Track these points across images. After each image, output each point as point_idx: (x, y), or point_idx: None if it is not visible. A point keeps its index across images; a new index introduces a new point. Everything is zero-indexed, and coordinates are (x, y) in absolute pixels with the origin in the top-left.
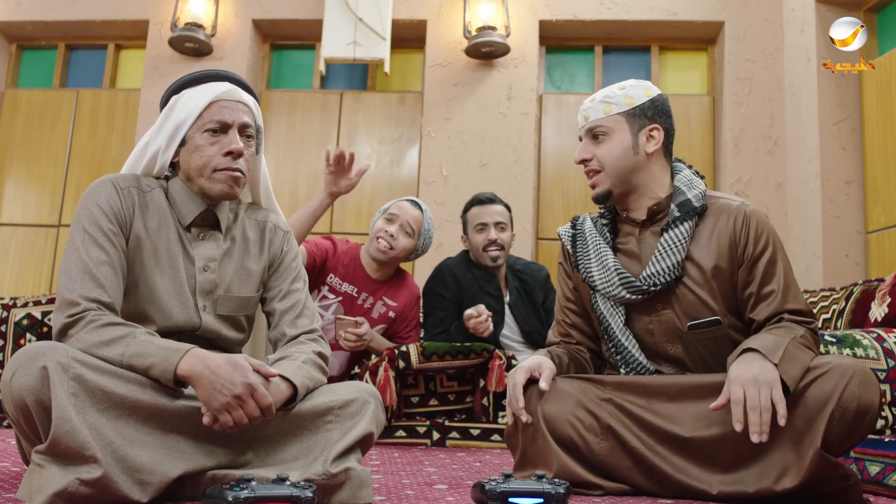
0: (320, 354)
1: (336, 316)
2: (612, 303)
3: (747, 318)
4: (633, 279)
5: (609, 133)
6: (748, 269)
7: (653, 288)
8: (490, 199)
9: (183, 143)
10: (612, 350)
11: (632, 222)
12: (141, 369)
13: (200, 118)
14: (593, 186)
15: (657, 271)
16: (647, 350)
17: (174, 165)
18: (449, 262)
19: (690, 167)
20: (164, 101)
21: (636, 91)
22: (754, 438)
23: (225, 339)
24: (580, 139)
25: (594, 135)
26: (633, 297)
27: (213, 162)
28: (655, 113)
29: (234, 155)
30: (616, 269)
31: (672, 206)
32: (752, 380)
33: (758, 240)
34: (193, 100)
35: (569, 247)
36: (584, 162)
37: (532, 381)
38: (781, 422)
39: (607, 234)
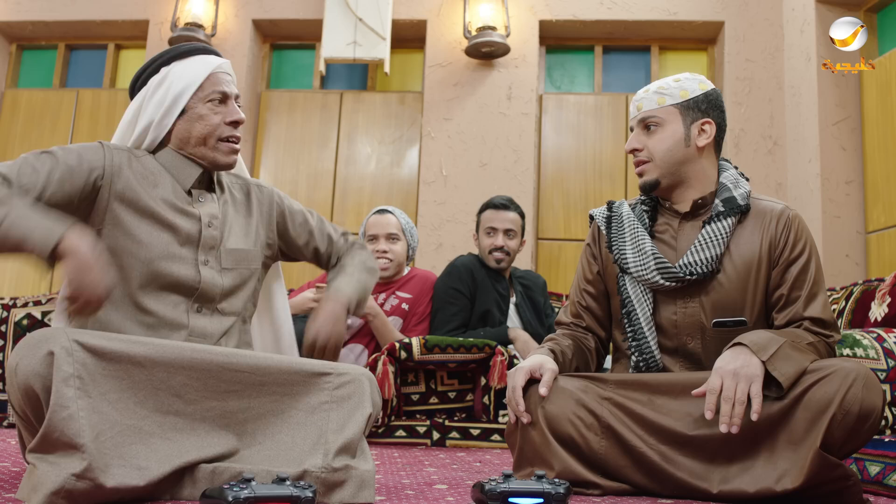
0: (367, 258)
1: (317, 285)
2: (642, 288)
3: (772, 319)
4: (669, 265)
5: (661, 124)
6: (781, 271)
7: (688, 277)
8: (504, 205)
9: (182, 113)
10: (630, 336)
11: (673, 213)
12: (16, 237)
13: (201, 89)
14: (641, 175)
15: (695, 261)
16: (665, 341)
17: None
18: (463, 259)
19: (736, 168)
20: (143, 77)
21: (691, 84)
22: (723, 428)
23: (226, 294)
24: (631, 129)
25: (646, 125)
26: (667, 283)
27: (218, 131)
28: (709, 107)
29: (237, 124)
30: (653, 254)
31: (717, 200)
32: (733, 372)
33: (795, 244)
34: (191, 71)
35: (603, 228)
36: (633, 152)
37: (532, 381)
38: (754, 417)
39: (646, 220)
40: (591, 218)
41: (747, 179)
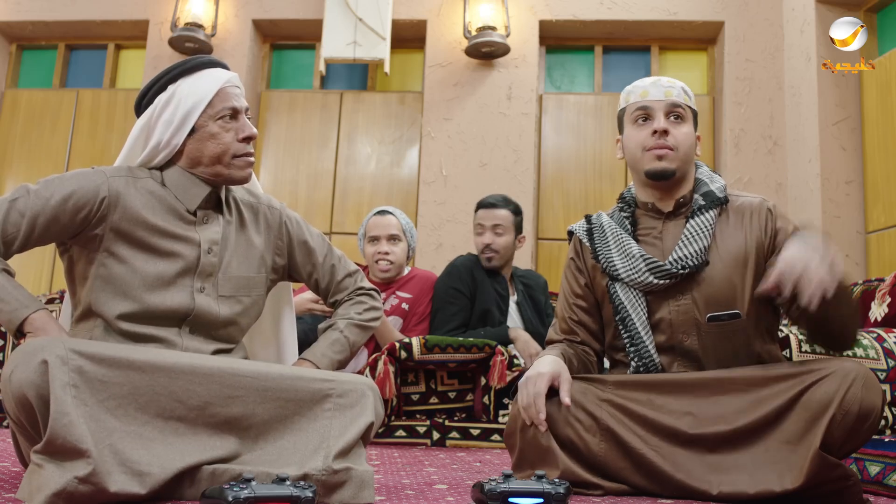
0: (362, 311)
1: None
2: (634, 292)
3: (763, 311)
4: (660, 263)
5: (685, 119)
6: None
7: (681, 271)
8: (492, 203)
9: (192, 132)
10: (627, 341)
11: (655, 214)
12: None
13: (211, 106)
14: (661, 158)
15: (685, 255)
16: (662, 342)
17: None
18: (463, 259)
19: (707, 167)
20: (149, 95)
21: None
22: (803, 302)
23: (226, 323)
24: (642, 109)
25: (676, 114)
26: (660, 281)
27: (232, 148)
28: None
29: (250, 139)
30: (642, 256)
31: (696, 196)
32: (814, 253)
33: (786, 230)
34: (199, 88)
35: (585, 240)
36: (664, 133)
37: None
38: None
39: (628, 226)
40: (570, 234)
41: (719, 175)
